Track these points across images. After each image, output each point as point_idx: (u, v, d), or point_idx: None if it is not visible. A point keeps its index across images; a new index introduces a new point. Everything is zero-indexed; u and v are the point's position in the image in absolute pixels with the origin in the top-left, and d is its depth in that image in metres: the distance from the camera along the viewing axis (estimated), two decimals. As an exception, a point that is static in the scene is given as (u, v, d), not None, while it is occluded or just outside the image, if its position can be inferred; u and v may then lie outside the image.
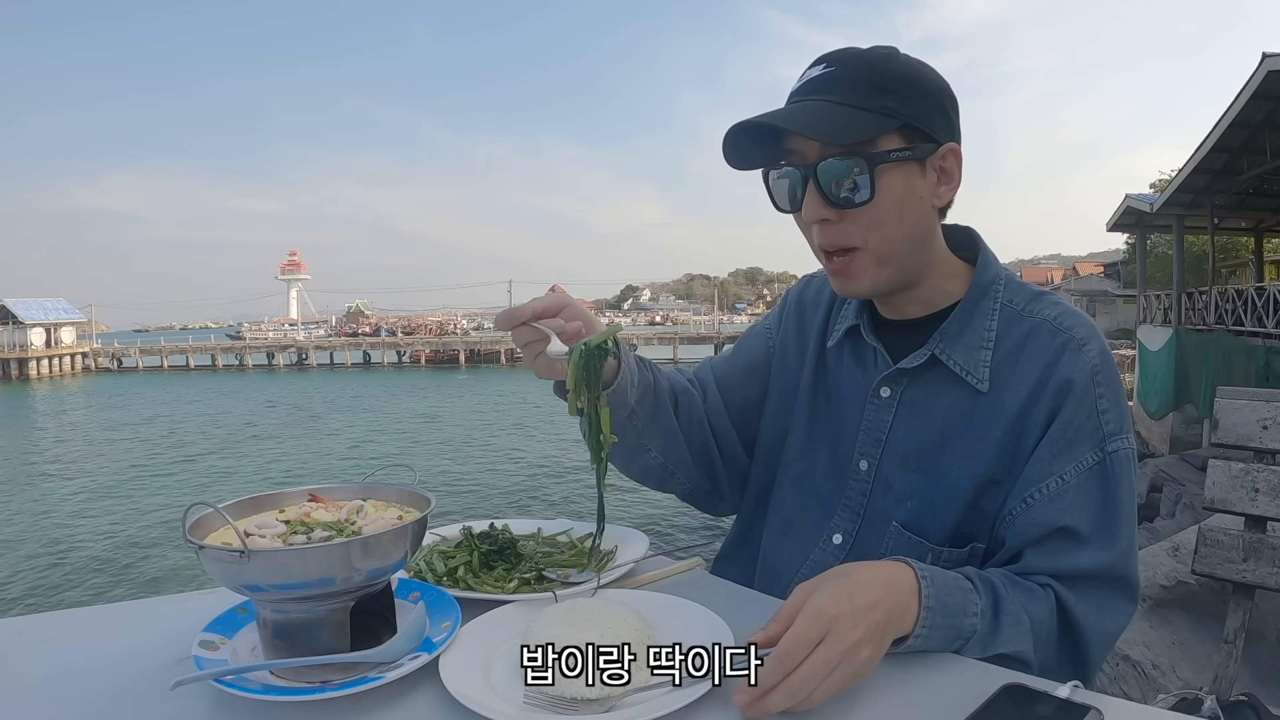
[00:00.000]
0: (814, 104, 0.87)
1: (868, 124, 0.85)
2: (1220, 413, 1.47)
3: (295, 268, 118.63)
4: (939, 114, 0.89)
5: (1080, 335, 0.90)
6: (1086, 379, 0.88)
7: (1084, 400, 0.88)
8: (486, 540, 0.99)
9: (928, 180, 0.90)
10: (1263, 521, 1.42)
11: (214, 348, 57.18)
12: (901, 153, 0.86)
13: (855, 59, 0.88)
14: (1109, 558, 0.86)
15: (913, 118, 0.87)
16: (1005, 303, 0.95)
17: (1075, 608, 0.85)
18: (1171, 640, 2.54)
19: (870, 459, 0.98)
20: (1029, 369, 0.90)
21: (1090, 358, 0.89)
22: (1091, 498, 0.87)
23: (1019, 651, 0.81)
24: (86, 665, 0.78)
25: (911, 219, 0.90)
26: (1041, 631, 0.83)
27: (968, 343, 0.93)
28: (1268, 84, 10.24)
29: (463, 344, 57.50)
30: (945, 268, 0.98)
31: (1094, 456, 0.87)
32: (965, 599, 0.77)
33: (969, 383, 0.92)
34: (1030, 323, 0.93)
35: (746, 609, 0.84)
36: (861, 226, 0.89)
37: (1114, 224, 18.48)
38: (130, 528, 13.18)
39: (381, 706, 0.67)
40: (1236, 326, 12.72)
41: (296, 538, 0.75)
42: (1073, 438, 0.87)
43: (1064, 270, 62.85)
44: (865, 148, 0.85)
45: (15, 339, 48.64)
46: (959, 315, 0.94)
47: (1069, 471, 0.87)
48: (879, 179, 0.86)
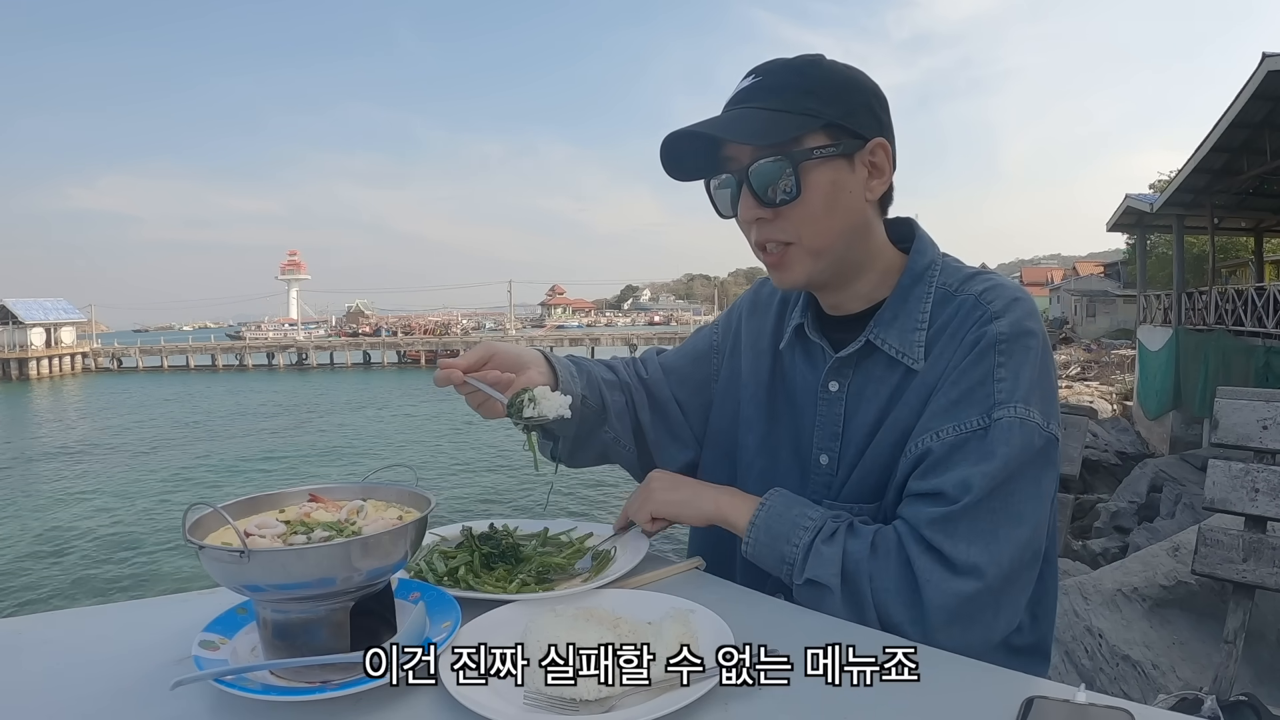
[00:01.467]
0: (742, 111, 0.92)
1: (790, 125, 0.89)
2: (1220, 413, 1.47)
3: (295, 268, 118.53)
4: (864, 111, 0.93)
5: (996, 308, 0.92)
6: (987, 346, 0.89)
7: (979, 364, 0.89)
8: (488, 542, 0.99)
9: (857, 175, 0.94)
10: (1263, 521, 1.41)
11: (214, 348, 57.18)
12: (826, 150, 0.90)
13: (780, 68, 0.94)
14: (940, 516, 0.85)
15: (836, 116, 0.91)
16: (940, 285, 0.98)
17: (917, 560, 0.85)
18: (1171, 640, 2.54)
19: (830, 453, 1.01)
20: (952, 343, 0.93)
21: (999, 327, 0.90)
22: (963, 459, 0.86)
23: (818, 577, 0.88)
24: (86, 665, 0.78)
25: (842, 212, 0.94)
26: (861, 565, 0.86)
27: (902, 326, 0.96)
28: (1268, 84, 10.24)
29: (463, 344, 57.42)
30: (884, 261, 1.00)
31: (977, 421, 0.87)
32: (793, 531, 0.92)
33: (904, 364, 0.95)
34: (959, 300, 0.95)
35: (746, 609, 0.84)
36: (793, 222, 0.93)
37: (1114, 224, 18.48)
38: (130, 528, 13.17)
39: (381, 706, 0.67)
40: (1236, 326, 12.71)
41: (296, 538, 0.75)
42: (959, 398, 0.89)
43: (1064, 270, 62.84)
44: (790, 147, 0.90)
45: (15, 339, 48.63)
46: (893, 301, 0.98)
47: (947, 429, 0.88)
48: (805, 176, 0.90)
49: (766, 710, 0.66)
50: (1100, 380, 21.86)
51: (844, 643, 0.70)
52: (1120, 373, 21.87)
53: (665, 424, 1.18)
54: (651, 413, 1.17)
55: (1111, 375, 22.20)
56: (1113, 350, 27.31)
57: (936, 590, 0.83)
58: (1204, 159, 12.82)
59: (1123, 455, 12.82)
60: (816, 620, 0.84)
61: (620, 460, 1.18)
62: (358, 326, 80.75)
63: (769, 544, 0.93)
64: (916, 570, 0.84)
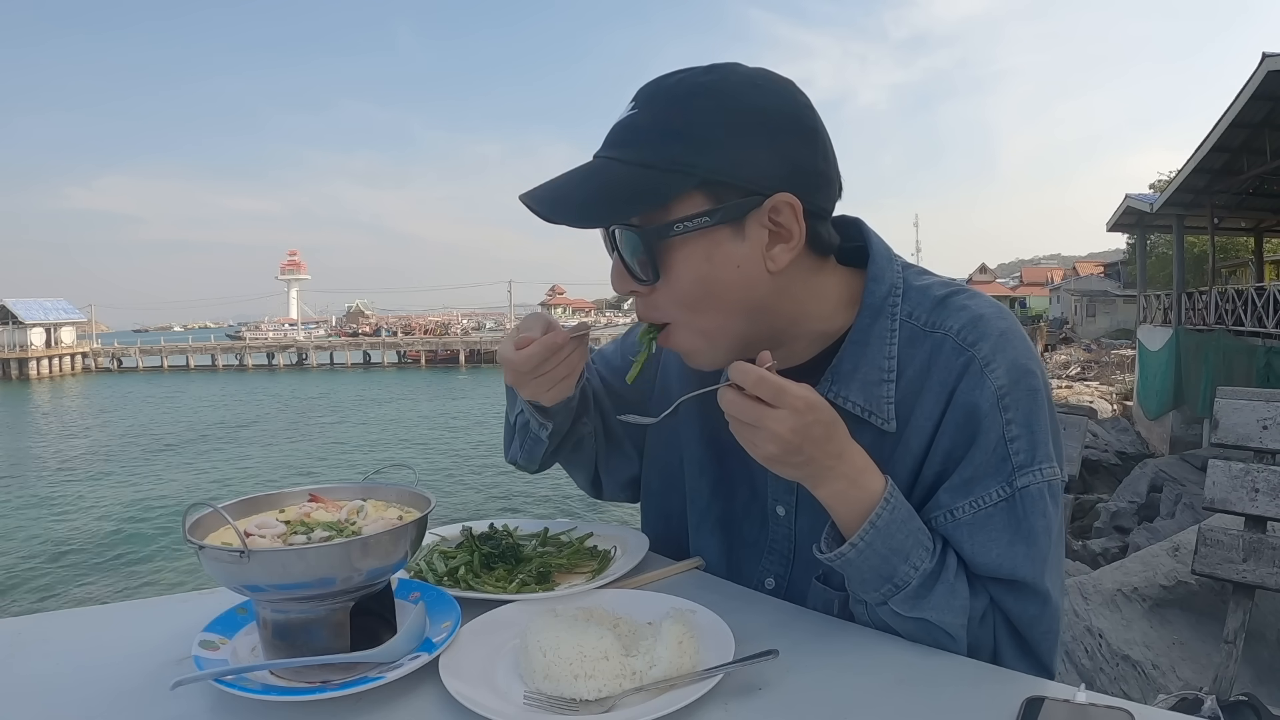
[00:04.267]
0: (597, 164, 0.76)
1: (651, 189, 0.72)
2: (1220, 413, 1.47)
3: (295, 268, 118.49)
4: (769, 156, 0.74)
5: (984, 354, 0.78)
6: (991, 406, 0.77)
7: (989, 432, 0.77)
8: (488, 542, 0.99)
9: (750, 243, 0.75)
10: (1263, 521, 1.42)
11: (214, 348, 57.20)
12: (696, 220, 0.72)
13: (659, 96, 0.75)
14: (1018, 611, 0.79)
15: (715, 170, 0.72)
16: (905, 318, 0.82)
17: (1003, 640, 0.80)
18: (1171, 640, 2.54)
19: (786, 505, 0.90)
20: (932, 400, 0.79)
21: (994, 379, 0.77)
22: (993, 539, 0.77)
23: (945, 622, 0.76)
24: (87, 665, 0.78)
25: (727, 293, 0.76)
26: (975, 615, 0.78)
27: (865, 378, 0.81)
28: (1268, 84, 10.24)
29: (462, 344, 57.48)
30: (824, 306, 0.84)
31: (1000, 491, 0.77)
32: (914, 549, 0.75)
33: (874, 424, 0.81)
34: (933, 340, 0.80)
35: (746, 609, 0.84)
36: (670, 301, 0.78)
37: (1114, 224, 18.48)
38: (130, 528, 13.17)
39: (381, 706, 0.67)
40: (1236, 326, 12.71)
41: (296, 538, 0.75)
42: (973, 474, 0.77)
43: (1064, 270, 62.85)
44: (652, 219, 0.73)
45: (15, 339, 48.64)
46: (850, 349, 0.82)
47: (962, 507, 0.77)
48: (665, 255, 0.74)
49: (766, 710, 0.66)
50: (1100, 380, 21.87)
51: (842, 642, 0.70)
52: (1120, 373, 21.87)
53: (611, 426, 1.08)
54: (605, 408, 1.07)
55: (1111, 375, 22.21)
56: (1113, 350, 27.32)
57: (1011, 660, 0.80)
58: (1204, 159, 12.82)
59: (1123, 455, 12.82)
60: (816, 620, 0.83)
61: (578, 462, 1.09)
62: (358, 326, 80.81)
63: (883, 555, 0.74)
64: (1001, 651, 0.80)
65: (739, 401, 0.70)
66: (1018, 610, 0.79)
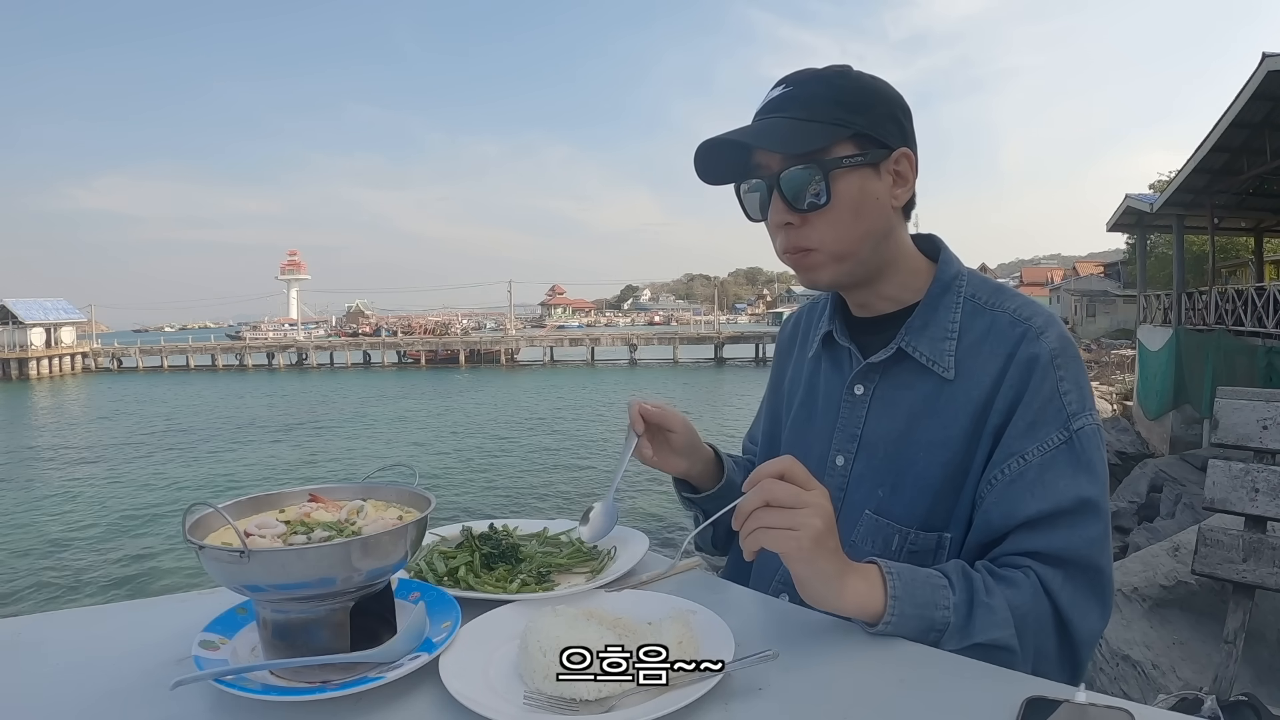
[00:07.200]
0: (773, 120, 0.94)
1: (820, 134, 0.92)
2: (1220, 413, 1.47)
3: (295, 268, 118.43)
4: (890, 122, 0.96)
5: (1038, 324, 0.95)
6: (1046, 362, 0.92)
7: (1044, 382, 0.91)
8: (488, 542, 0.99)
9: (883, 183, 0.96)
10: (1263, 521, 1.42)
11: (214, 348, 57.15)
12: (854, 159, 0.93)
13: (810, 79, 0.96)
14: (1081, 541, 0.88)
15: (864, 127, 0.93)
16: (968, 296, 1.00)
17: (1059, 592, 0.86)
18: (1171, 640, 2.54)
19: (846, 454, 1.02)
20: (991, 358, 0.94)
21: (1048, 342, 0.93)
22: (1060, 475, 0.89)
23: (996, 639, 0.82)
24: (86, 665, 0.78)
25: (868, 218, 0.96)
26: (1028, 617, 0.84)
27: (933, 335, 0.98)
28: (1268, 84, 10.24)
29: (463, 344, 57.46)
30: (909, 263, 1.03)
31: (1060, 435, 0.90)
32: (936, 594, 0.81)
33: (936, 372, 0.96)
34: (991, 315, 0.98)
35: (746, 609, 0.84)
36: (820, 229, 0.95)
37: (1114, 224, 18.48)
38: (131, 527, 13.17)
39: (381, 706, 0.67)
40: (1236, 326, 12.71)
41: (296, 538, 0.75)
42: (1034, 419, 0.91)
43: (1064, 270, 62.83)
44: (820, 155, 0.92)
45: (15, 339, 48.60)
46: (923, 309, 1.00)
47: (1031, 451, 0.90)
48: (834, 183, 0.93)
49: (766, 710, 0.66)
50: (1100, 380, 21.84)
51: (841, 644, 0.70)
52: (1120, 373, 21.87)
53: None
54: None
55: (1111, 375, 22.19)
56: (1113, 350, 27.31)
57: (1083, 623, 0.87)
58: (1204, 159, 12.82)
59: (1123, 455, 12.82)
60: (816, 620, 0.84)
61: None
62: (358, 326, 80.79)
63: (915, 615, 0.80)
64: (1063, 607, 0.86)
65: (782, 485, 0.78)
66: (1083, 538, 0.88)
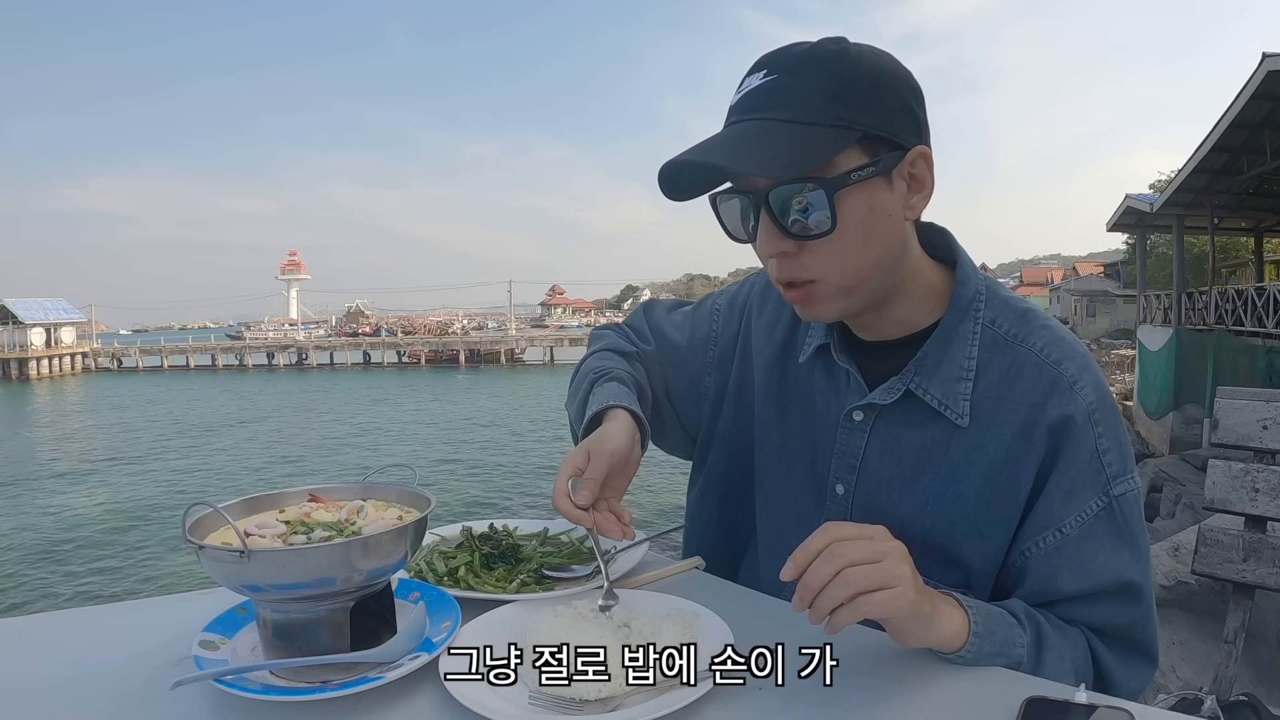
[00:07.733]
0: (755, 125, 0.75)
1: (821, 143, 0.73)
2: (1220, 413, 1.47)
3: (295, 268, 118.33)
4: (903, 113, 0.77)
5: (1070, 372, 0.82)
6: (1083, 421, 0.81)
7: (1083, 445, 0.81)
8: (488, 542, 0.99)
9: (896, 193, 0.79)
10: (1263, 521, 1.42)
11: (214, 348, 57.17)
12: (864, 170, 0.75)
13: (799, 62, 0.76)
14: (1123, 621, 0.82)
15: (873, 125, 0.75)
16: (987, 323, 0.86)
17: (1103, 657, 0.82)
18: (1171, 640, 2.54)
19: (846, 484, 0.91)
20: (1014, 409, 0.82)
21: (1084, 396, 0.81)
22: (1100, 547, 0.81)
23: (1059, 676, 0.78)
24: (87, 665, 0.78)
25: (880, 242, 0.79)
26: (1081, 670, 0.81)
27: (945, 374, 0.84)
28: (1268, 84, 10.24)
29: (463, 344, 57.49)
30: (922, 279, 0.87)
31: (1099, 502, 0.81)
32: (1011, 631, 0.76)
33: (948, 418, 0.84)
34: (1016, 353, 0.84)
35: (746, 609, 0.84)
36: (822, 258, 0.78)
37: (1114, 224, 18.49)
38: (130, 527, 13.17)
39: (381, 706, 0.67)
40: (1236, 326, 12.72)
41: (296, 538, 0.75)
42: (1072, 486, 0.81)
43: (1064, 270, 62.86)
44: (824, 171, 0.74)
45: (15, 339, 48.61)
46: (935, 344, 0.85)
47: (1070, 522, 0.81)
48: (840, 205, 0.75)
49: (766, 710, 0.66)
50: (1100, 380, 21.80)
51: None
52: (1120, 373, 21.86)
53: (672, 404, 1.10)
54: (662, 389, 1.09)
55: (1111, 375, 22.18)
56: (1113, 350, 27.31)
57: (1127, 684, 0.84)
58: (1204, 159, 12.82)
59: (1123, 455, 12.80)
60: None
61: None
62: (358, 326, 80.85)
63: (993, 651, 0.74)
64: (1107, 671, 0.83)
65: (853, 543, 0.68)
66: (1125, 617, 0.82)
